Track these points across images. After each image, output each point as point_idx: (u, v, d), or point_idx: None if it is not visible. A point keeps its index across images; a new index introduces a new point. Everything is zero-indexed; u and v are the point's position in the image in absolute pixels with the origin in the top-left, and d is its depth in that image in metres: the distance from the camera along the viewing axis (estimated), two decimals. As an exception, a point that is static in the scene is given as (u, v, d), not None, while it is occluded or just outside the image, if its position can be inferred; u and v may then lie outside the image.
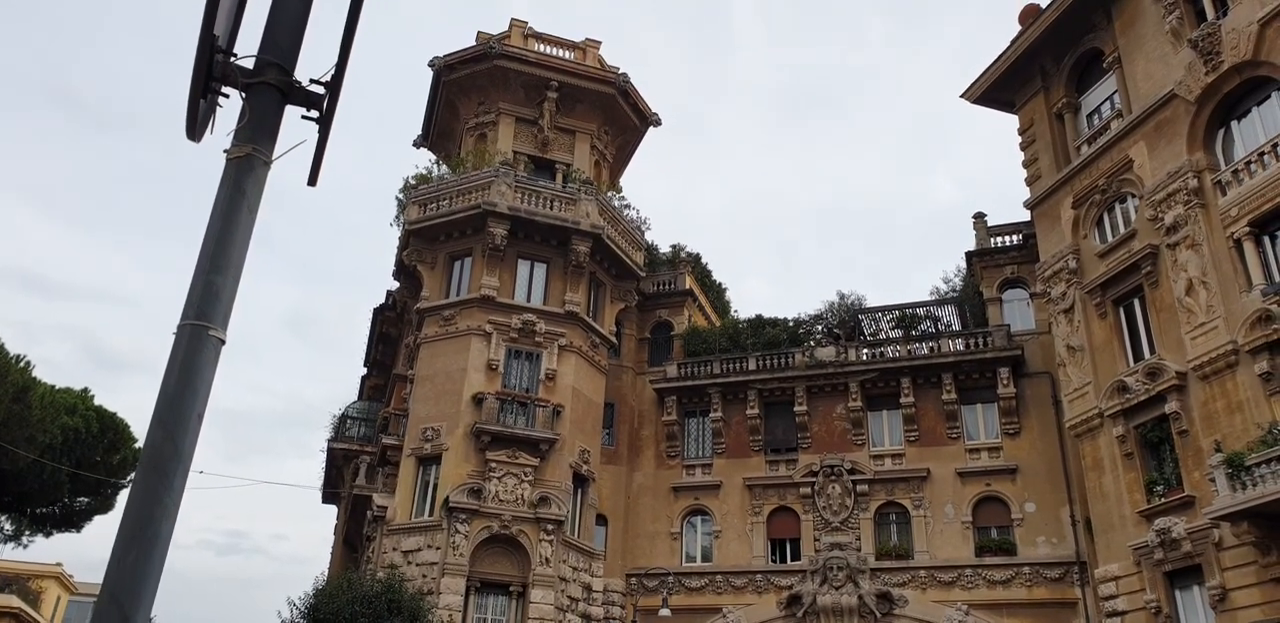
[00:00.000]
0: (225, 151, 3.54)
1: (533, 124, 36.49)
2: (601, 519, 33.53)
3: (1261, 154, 23.52)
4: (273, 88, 3.64)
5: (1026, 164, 31.90)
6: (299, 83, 3.69)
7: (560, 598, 29.71)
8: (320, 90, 3.73)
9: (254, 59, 3.70)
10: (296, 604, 25.12)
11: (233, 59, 3.65)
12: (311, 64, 3.82)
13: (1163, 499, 24.37)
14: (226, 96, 3.66)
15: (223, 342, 3.21)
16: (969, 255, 34.01)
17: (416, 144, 40.28)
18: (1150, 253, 26.04)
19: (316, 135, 3.74)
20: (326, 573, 39.07)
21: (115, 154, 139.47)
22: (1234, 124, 24.93)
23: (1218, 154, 25.12)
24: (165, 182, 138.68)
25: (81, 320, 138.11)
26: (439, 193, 33.82)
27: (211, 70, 3.52)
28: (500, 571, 29.59)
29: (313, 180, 3.90)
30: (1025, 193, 31.86)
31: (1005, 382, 31.11)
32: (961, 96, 33.50)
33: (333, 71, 3.68)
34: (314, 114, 3.71)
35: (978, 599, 29.30)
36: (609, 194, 35.82)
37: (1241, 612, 21.32)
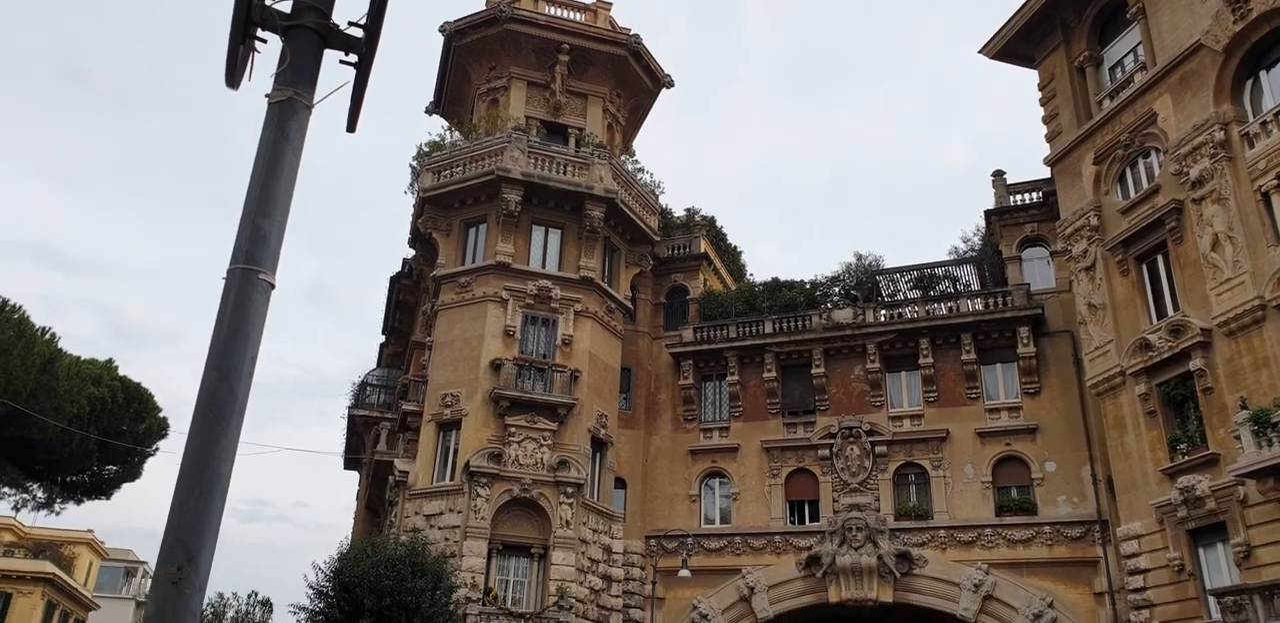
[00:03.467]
0: (267, 95, 3.49)
1: (544, 88, 36.17)
2: (620, 483, 33.76)
3: (1290, 105, 23.09)
4: (311, 31, 3.57)
5: (1046, 120, 31.48)
6: (337, 26, 3.62)
7: (581, 560, 30.01)
8: (358, 34, 3.65)
9: (291, 2, 3.62)
10: (322, 568, 25.41)
11: (270, 2, 3.58)
12: (349, 6, 3.74)
13: (1186, 457, 24.30)
14: (264, 42, 3.59)
15: (272, 286, 3.18)
16: (988, 214, 33.71)
17: (429, 111, 40.04)
18: (1174, 208, 25.72)
19: (354, 80, 3.67)
20: (350, 538, 39.58)
21: (132, 130, 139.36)
22: (1262, 74, 24.47)
23: (1245, 105, 24.70)
24: (184, 157, 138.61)
25: (105, 295, 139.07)
26: (452, 160, 33.68)
27: (250, 14, 3.45)
28: (521, 533, 29.88)
29: (351, 126, 3.84)
30: (1044, 151, 31.50)
31: (1025, 341, 30.97)
32: (980, 52, 33.00)
33: (371, 14, 3.61)
34: (352, 58, 3.64)
35: (998, 559, 29.42)
36: (622, 158, 35.58)
37: (1266, 569, 21.30)
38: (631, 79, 37.70)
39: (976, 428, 31.22)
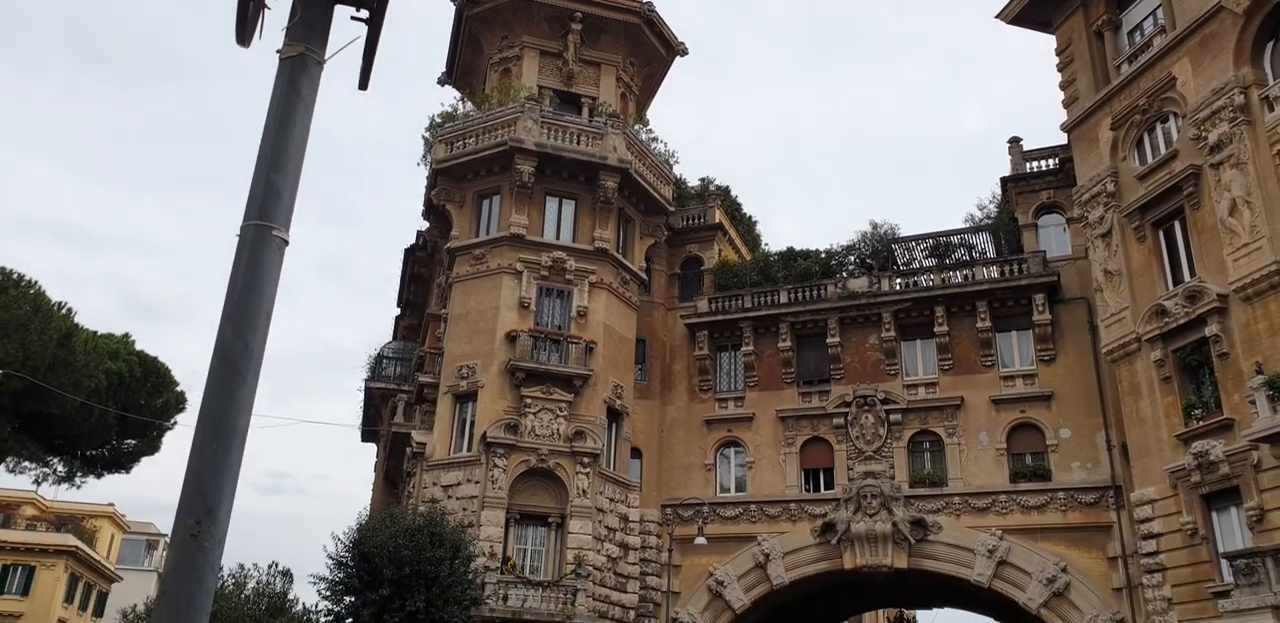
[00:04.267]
0: (278, 51, 3.49)
1: (557, 57, 35.94)
2: (636, 452, 33.97)
3: (1311, 68, 22.76)
4: (322, -15, 3.55)
5: (1064, 85, 31.12)
6: (348, -21, 3.60)
7: (598, 528, 30.29)
8: (370, -12, 3.63)
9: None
10: (341, 539, 25.74)
11: (278, -43, 3.57)
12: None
13: (1201, 423, 24.27)
14: (274, -4, 3.57)
15: (286, 242, 3.21)
16: (1004, 181, 33.46)
17: (441, 82, 39.87)
18: (1192, 173, 25.47)
19: (365, 35, 3.66)
20: (369, 509, 40.03)
21: (148, 105, 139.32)
22: (1282, 36, 24.07)
23: (1266, 69, 24.35)
24: (198, 133, 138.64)
25: (123, 271, 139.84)
26: (465, 130, 33.60)
27: (257, -31, 3.44)
28: (539, 503, 30.16)
29: (363, 84, 3.84)
30: (1061, 118, 31.15)
31: (1041, 308, 30.86)
32: (997, 17, 32.57)
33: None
34: (364, 14, 3.63)
35: (1012, 524, 29.54)
36: (636, 128, 35.41)
37: (1279, 532, 21.34)
38: (645, 47, 37.41)
39: (991, 395, 31.21)
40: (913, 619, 43.29)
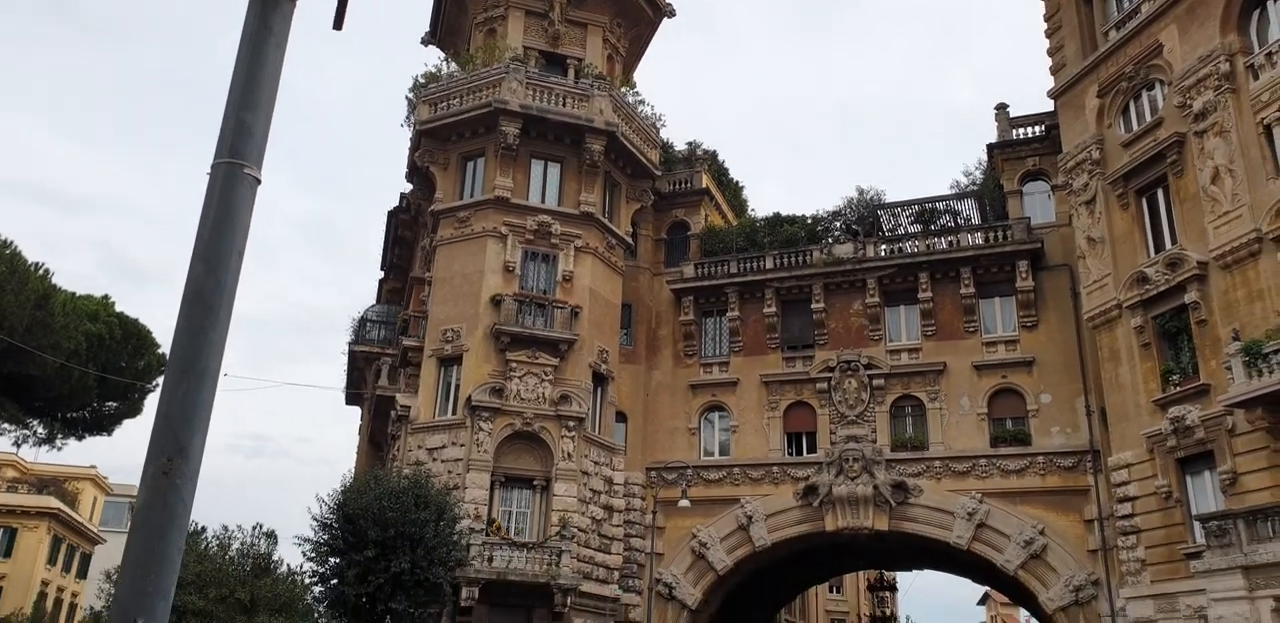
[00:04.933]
0: (249, -15, 3.43)
1: (543, 17, 35.50)
2: (621, 416, 34.13)
3: (1297, 35, 22.73)
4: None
5: (1051, 52, 31.00)
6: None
7: (583, 491, 30.51)
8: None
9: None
10: (326, 501, 25.80)
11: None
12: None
13: (1178, 388, 24.55)
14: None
15: (258, 181, 3.18)
16: (990, 148, 33.44)
17: (424, 41, 39.36)
18: (1177, 141, 25.51)
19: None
20: (353, 472, 40.15)
21: (125, 63, 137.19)
22: (1270, 4, 24.03)
23: (1252, 37, 24.31)
24: (179, 94, 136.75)
25: (101, 234, 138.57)
26: (449, 91, 33.24)
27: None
28: (524, 466, 30.33)
29: (338, 24, 3.78)
30: (1047, 86, 31.06)
31: (1024, 275, 31.01)
32: (985, -19, 32.31)
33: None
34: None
35: (992, 488, 29.90)
36: (622, 90, 35.10)
37: (1251, 495, 21.70)
38: (632, 8, 37.00)
39: (973, 361, 31.44)
40: (893, 581, 43.93)
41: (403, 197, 39.63)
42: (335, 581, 25.33)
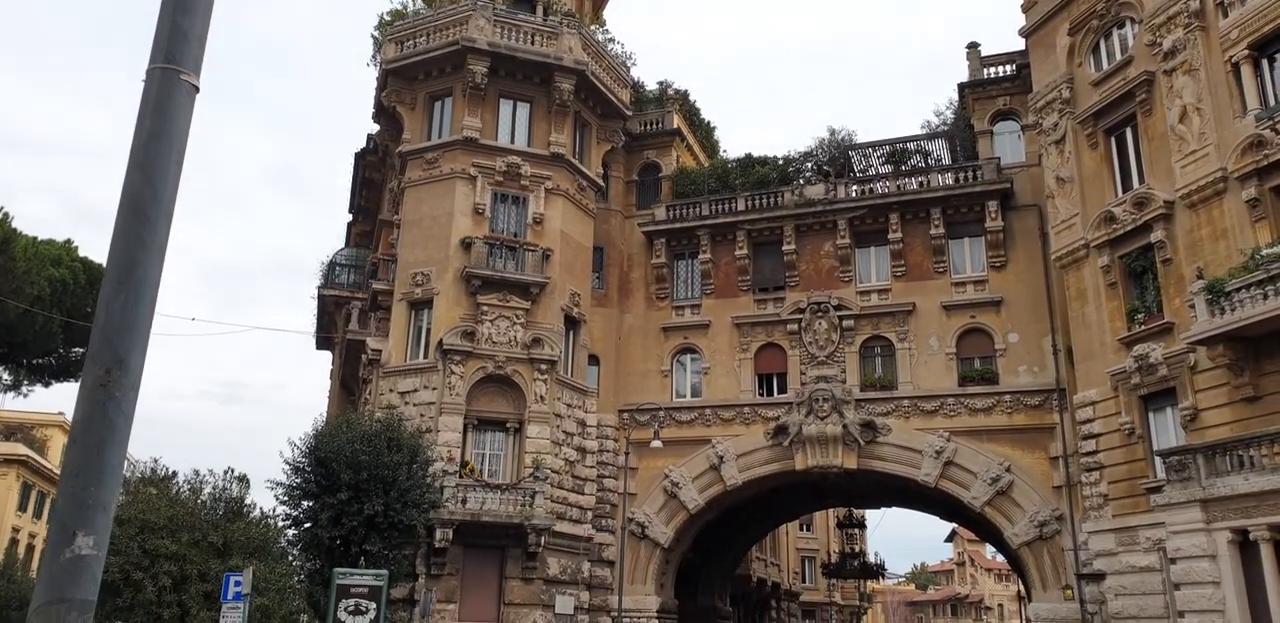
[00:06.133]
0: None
1: (510, -47, 34.59)
2: (594, 359, 34.23)
3: (1269, -29, 22.54)
4: None
5: (1024, -12, 30.63)
6: None
7: (556, 433, 30.71)
8: None
9: None
10: (298, 445, 25.76)
11: None
12: None
13: (1143, 327, 24.86)
14: None
15: (196, 88, 3.06)
16: (961, 87, 33.25)
17: (389, -23, 38.34)
18: (1146, 80, 25.45)
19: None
20: (325, 416, 40.11)
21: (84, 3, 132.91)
22: (1243, -61, 23.74)
23: (1223, -29, 24.06)
24: (139, 28, 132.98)
25: (64, 178, 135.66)
26: (416, 29, 32.52)
27: None
28: (497, 409, 30.42)
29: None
30: (1019, 24, 30.76)
31: (993, 215, 31.11)
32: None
33: None
34: None
35: (959, 426, 30.38)
36: (592, 28, 34.48)
37: (1210, 430, 22.15)
38: (599, -56, 36.12)
39: (942, 301, 31.68)
40: (862, 518, 44.82)
41: (370, 138, 39.00)
42: (309, 524, 25.43)
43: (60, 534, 2.59)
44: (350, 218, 44.91)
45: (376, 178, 40.21)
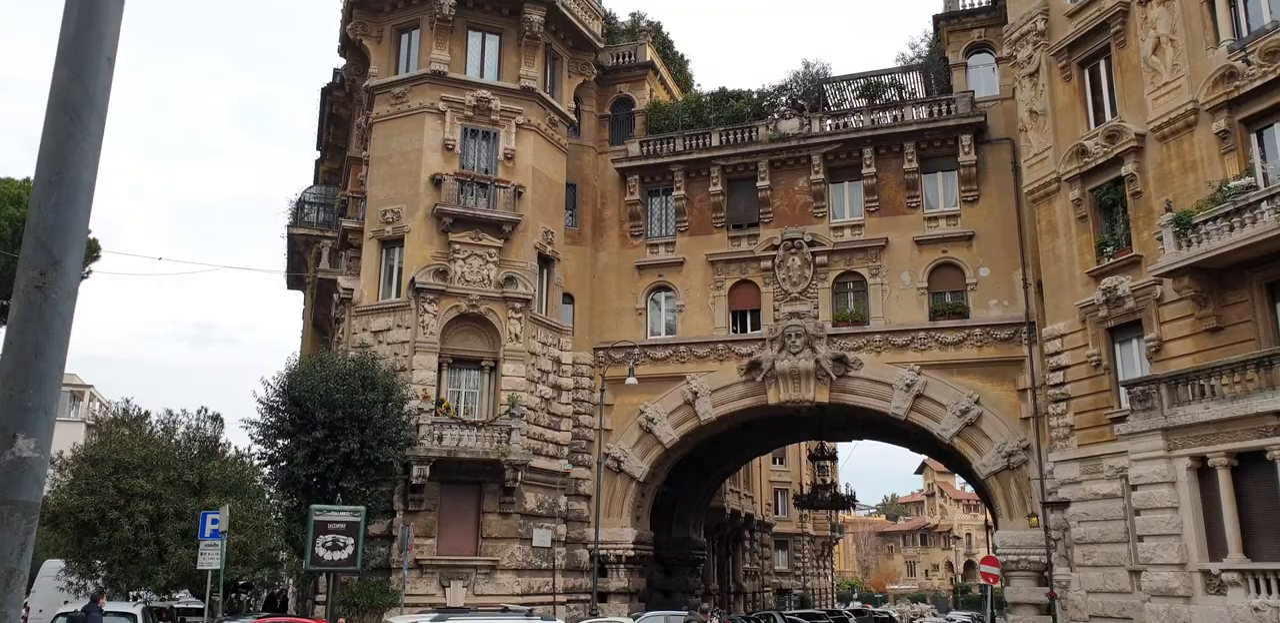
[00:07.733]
0: None
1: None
2: (568, 298, 34.20)
3: (1247, -103, 22.22)
4: None
5: (1001, -84, 30.09)
6: None
7: (531, 371, 30.80)
8: None
9: None
10: (271, 384, 25.72)
11: None
12: None
13: (1111, 260, 25.04)
14: None
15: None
16: (936, 19, 32.85)
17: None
18: (1121, 11, 25.20)
19: None
20: (298, 356, 40.01)
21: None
22: None
23: (1201, -102, 23.67)
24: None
25: (18, 114, 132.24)
26: (379, -42, 31.55)
27: None
28: (471, 347, 30.42)
29: None
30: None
31: (967, 149, 31.03)
32: None
33: None
34: None
35: (930, 360, 30.71)
36: (560, -43, 33.56)
37: (1174, 361, 22.51)
38: None
39: (915, 236, 31.75)
40: (833, 451, 45.57)
41: (337, 73, 38.16)
42: (285, 462, 25.57)
43: (0, 437, 2.55)
44: (319, 155, 44.19)
45: (344, 114, 39.48)
